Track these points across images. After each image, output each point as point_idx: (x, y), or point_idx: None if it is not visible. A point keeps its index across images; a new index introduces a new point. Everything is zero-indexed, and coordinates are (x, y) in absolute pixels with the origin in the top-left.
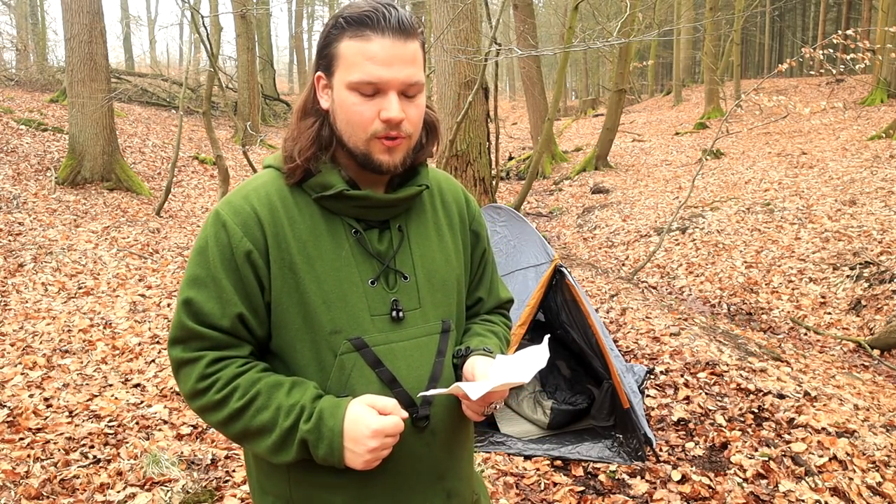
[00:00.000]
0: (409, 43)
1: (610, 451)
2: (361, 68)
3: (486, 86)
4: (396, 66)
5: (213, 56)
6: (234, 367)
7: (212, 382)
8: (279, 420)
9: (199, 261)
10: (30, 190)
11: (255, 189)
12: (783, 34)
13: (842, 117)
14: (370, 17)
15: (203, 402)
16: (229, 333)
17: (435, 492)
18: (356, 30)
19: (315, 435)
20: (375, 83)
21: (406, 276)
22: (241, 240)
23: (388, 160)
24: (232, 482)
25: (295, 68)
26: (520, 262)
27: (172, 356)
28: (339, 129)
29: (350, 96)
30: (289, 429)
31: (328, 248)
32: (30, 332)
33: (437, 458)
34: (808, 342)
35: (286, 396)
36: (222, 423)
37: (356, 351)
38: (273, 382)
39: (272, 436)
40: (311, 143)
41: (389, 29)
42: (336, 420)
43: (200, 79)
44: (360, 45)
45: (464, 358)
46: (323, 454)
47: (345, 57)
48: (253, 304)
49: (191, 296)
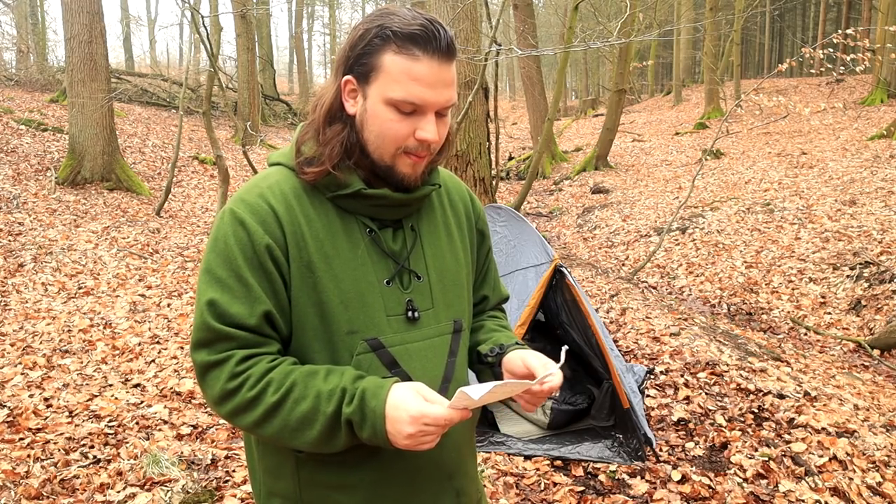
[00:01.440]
0: (452, 66)
1: (610, 451)
2: (405, 87)
3: (486, 86)
4: (439, 89)
5: (213, 56)
6: (266, 363)
7: (244, 380)
8: (321, 407)
9: (219, 261)
10: (30, 190)
11: (269, 187)
12: (783, 34)
13: (842, 117)
14: (421, 36)
15: (235, 402)
16: (257, 332)
17: (445, 491)
18: (404, 46)
19: (359, 416)
20: (418, 104)
21: (420, 276)
22: (262, 236)
23: (412, 175)
24: (232, 482)
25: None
26: (520, 262)
27: (198, 360)
28: (366, 139)
29: (387, 111)
30: (333, 414)
31: (344, 247)
32: (30, 332)
33: (447, 458)
34: (808, 342)
35: (324, 382)
36: (259, 423)
37: (372, 352)
38: (308, 371)
39: (316, 425)
40: (340, 150)
41: (438, 52)
42: (378, 401)
43: (200, 79)
44: (407, 63)
45: (500, 355)
46: (367, 435)
47: (388, 71)
48: (279, 302)
49: (214, 297)
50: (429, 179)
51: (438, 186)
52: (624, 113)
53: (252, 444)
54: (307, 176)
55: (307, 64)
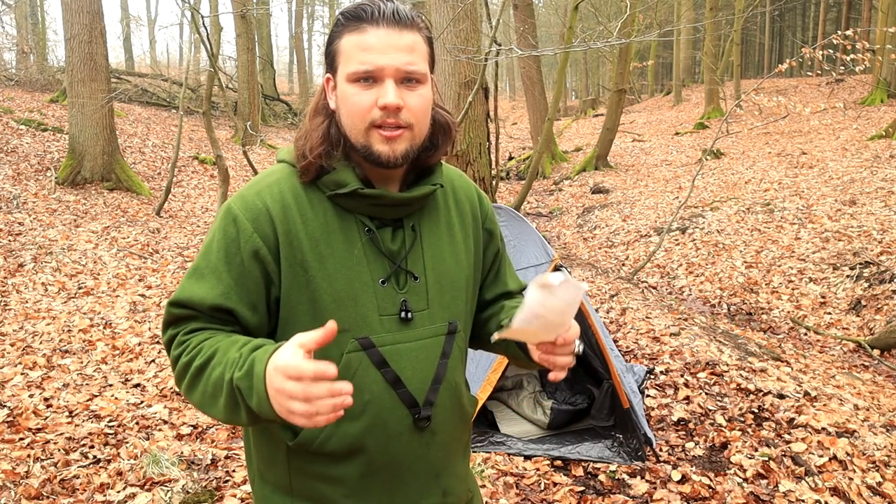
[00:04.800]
0: (406, 33)
1: (610, 451)
2: (357, 58)
3: (486, 86)
4: (391, 54)
5: (213, 56)
6: (207, 333)
7: (184, 348)
8: (225, 374)
9: (203, 253)
10: (30, 190)
11: (268, 185)
12: (783, 34)
13: (842, 117)
14: (365, 10)
15: (177, 370)
16: (214, 317)
17: (431, 489)
18: (353, 24)
19: (247, 382)
20: (371, 71)
21: (416, 276)
22: (250, 235)
23: (388, 150)
24: (232, 482)
25: (295, 68)
26: (520, 262)
27: (165, 339)
28: (343, 126)
29: (349, 88)
30: (230, 381)
31: (340, 246)
32: (30, 332)
33: (434, 458)
34: (808, 342)
35: (237, 350)
36: (188, 389)
37: (363, 350)
38: (233, 339)
39: (223, 393)
40: (320, 141)
41: (384, 20)
42: (262, 364)
43: (200, 79)
44: (356, 37)
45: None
46: (255, 404)
47: (343, 51)
48: (252, 301)
49: (186, 285)
50: (430, 178)
51: (440, 186)
52: (624, 113)
53: (249, 432)
54: (300, 169)
55: (307, 64)
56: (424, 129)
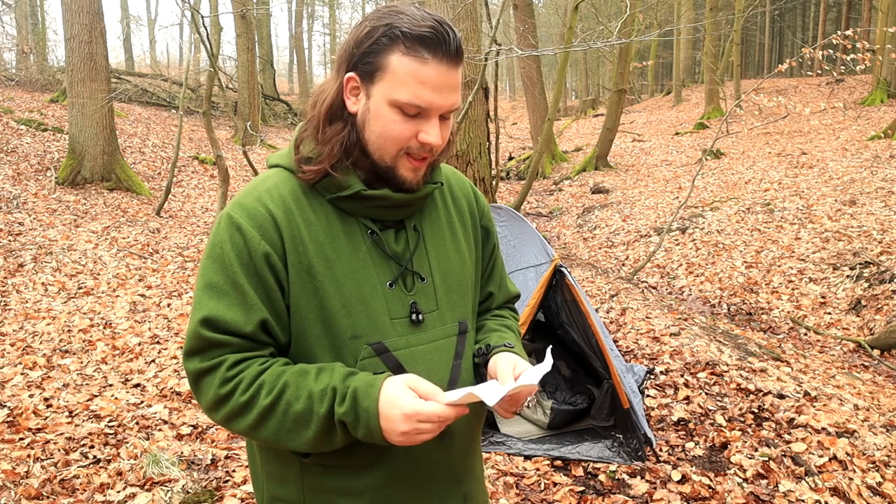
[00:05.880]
0: (459, 69)
1: (610, 451)
2: (412, 90)
3: (486, 86)
4: (445, 94)
5: (213, 56)
6: (257, 366)
7: (236, 384)
8: (314, 408)
9: (215, 267)
10: (30, 190)
11: (267, 190)
12: (783, 34)
13: (842, 117)
14: (431, 38)
15: (229, 407)
16: (251, 339)
17: (453, 495)
18: (413, 47)
19: (352, 416)
20: (423, 108)
21: (423, 277)
22: (258, 242)
23: (412, 178)
24: (232, 482)
25: (295, 68)
26: (520, 262)
27: (190, 368)
28: (367, 139)
29: (391, 113)
30: (326, 415)
31: (346, 250)
32: (30, 332)
33: (454, 462)
34: (808, 342)
35: (315, 381)
36: (254, 427)
37: (377, 356)
38: (299, 371)
39: (312, 426)
40: (341, 149)
41: (447, 55)
42: (371, 400)
43: (200, 79)
44: (415, 65)
45: (486, 356)
46: (362, 435)
47: (395, 72)
48: (276, 309)
49: (209, 305)
50: (430, 178)
51: (440, 184)
52: (624, 113)
53: (255, 449)
54: (305, 175)
55: (307, 64)
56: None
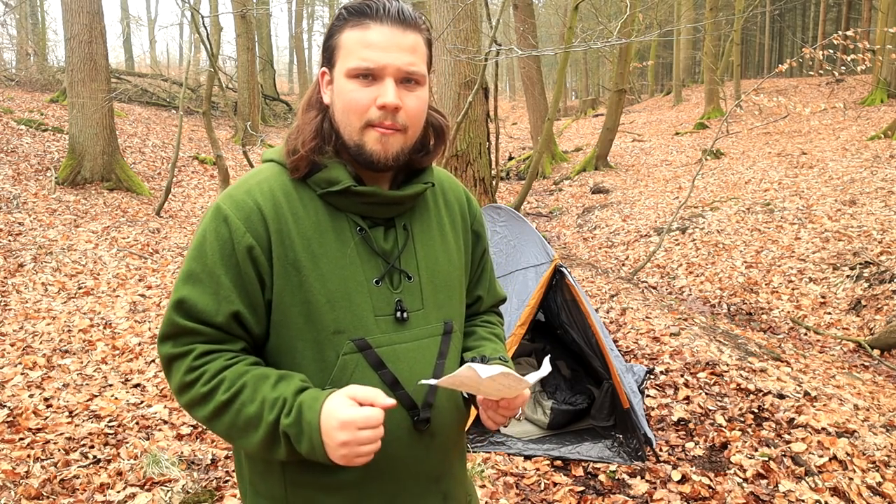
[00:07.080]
0: (409, 33)
1: (610, 451)
2: (358, 54)
3: (486, 86)
4: (394, 53)
5: (213, 56)
6: (223, 360)
7: (199, 375)
8: (264, 414)
9: (196, 255)
10: (30, 190)
11: (258, 183)
12: (783, 34)
13: (842, 117)
14: (370, 6)
15: (190, 395)
16: (222, 330)
17: (432, 494)
18: (356, 19)
19: (296, 429)
20: (372, 69)
21: (410, 275)
22: (243, 235)
23: (381, 151)
24: (232, 482)
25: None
26: (520, 262)
27: (162, 353)
28: (337, 121)
29: (348, 84)
30: (273, 423)
31: (333, 245)
32: (30, 332)
33: (434, 461)
34: (808, 342)
35: (272, 389)
36: (209, 418)
37: (359, 352)
38: (260, 375)
39: (259, 431)
40: (313, 135)
41: (388, 18)
42: (314, 413)
43: (200, 79)
44: (359, 33)
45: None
46: (305, 450)
47: (344, 46)
48: (252, 302)
49: (184, 292)
50: (422, 177)
51: (432, 185)
52: (624, 113)
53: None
54: (291, 164)
55: (307, 64)
56: (418, 132)
